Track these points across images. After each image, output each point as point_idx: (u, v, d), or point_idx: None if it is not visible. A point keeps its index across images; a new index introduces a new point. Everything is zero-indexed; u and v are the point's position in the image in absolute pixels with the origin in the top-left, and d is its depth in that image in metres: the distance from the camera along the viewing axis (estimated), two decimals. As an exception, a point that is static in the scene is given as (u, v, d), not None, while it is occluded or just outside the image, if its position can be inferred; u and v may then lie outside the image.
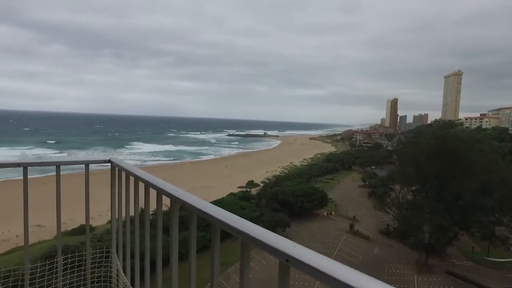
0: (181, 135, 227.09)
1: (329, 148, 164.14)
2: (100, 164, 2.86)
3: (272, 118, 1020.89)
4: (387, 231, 49.91)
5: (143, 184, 2.05)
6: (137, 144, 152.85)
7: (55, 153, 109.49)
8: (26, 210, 2.51)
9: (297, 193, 54.54)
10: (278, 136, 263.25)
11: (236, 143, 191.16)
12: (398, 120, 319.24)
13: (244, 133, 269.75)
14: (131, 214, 2.55)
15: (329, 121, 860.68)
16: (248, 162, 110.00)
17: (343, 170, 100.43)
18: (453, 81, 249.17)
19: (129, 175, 2.34)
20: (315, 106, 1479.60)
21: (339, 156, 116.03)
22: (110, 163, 2.76)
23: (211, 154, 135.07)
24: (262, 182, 72.41)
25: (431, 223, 41.32)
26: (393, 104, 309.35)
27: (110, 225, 2.95)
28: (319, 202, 56.76)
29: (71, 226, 36.90)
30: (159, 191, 1.83)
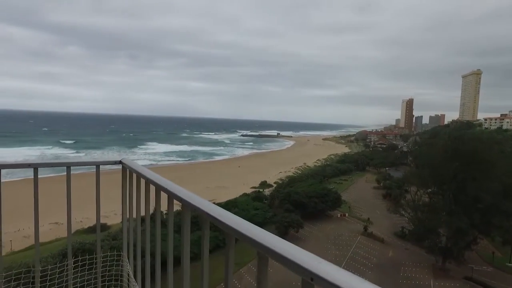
0: (195, 135, 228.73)
1: (343, 149, 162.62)
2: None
3: (286, 119, 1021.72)
4: (402, 234, 49.02)
5: (154, 187, 2.00)
6: (151, 144, 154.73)
7: (72, 153, 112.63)
8: (37, 210, 2.52)
9: (311, 194, 54.22)
10: (292, 137, 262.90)
11: (250, 144, 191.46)
12: (414, 121, 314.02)
13: (258, 134, 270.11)
14: (142, 215, 2.49)
15: (343, 122, 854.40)
16: (261, 163, 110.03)
17: (357, 171, 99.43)
18: (472, 81, 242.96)
19: (140, 177, 2.29)
20: (329, 107, 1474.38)
21: (353, 157, 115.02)
22: (121, 165, 2.72)
23: (225, 155, 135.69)
24: (275, 183, 72.24)
25: (449, 226, 40.43)
26: (409, 105, 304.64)
27: (121, 227, 2.91)
28: (333, 203, 56.34)
29: (87, 224, 37.62)
30: (170, 195, 1.75)
